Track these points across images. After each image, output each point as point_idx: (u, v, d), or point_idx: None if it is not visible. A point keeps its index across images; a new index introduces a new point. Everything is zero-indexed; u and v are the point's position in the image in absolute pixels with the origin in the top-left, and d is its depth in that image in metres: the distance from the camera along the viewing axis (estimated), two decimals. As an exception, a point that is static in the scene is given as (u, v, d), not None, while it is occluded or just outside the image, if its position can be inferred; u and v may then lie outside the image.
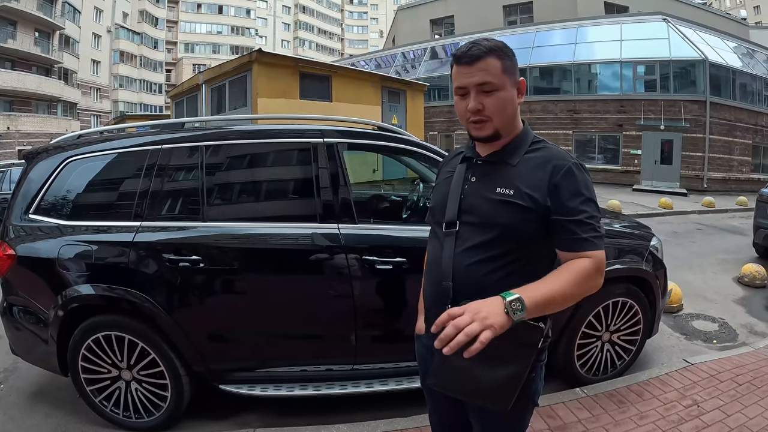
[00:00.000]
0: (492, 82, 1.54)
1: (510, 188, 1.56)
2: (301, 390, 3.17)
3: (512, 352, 1.45)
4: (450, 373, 1.51)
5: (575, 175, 1.54)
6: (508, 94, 1.59)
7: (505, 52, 1.58)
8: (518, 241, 1.56)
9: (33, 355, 3.34)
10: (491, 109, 1.56)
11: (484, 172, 1.66)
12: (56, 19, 38.12)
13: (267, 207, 3.44)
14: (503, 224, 1.54)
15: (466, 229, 1.61)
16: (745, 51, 26.51)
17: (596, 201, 1.57)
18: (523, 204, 1.52)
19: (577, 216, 1.51)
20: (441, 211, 1.71)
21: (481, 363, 1.43)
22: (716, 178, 22.57)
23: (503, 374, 1.45)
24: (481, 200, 1.60)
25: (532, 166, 1.58)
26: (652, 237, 4.19)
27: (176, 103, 19.37)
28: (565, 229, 1.51)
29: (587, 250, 1.50)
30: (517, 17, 33.21)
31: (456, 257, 1.60)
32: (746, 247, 9.56)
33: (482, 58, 1.53)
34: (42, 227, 3.15)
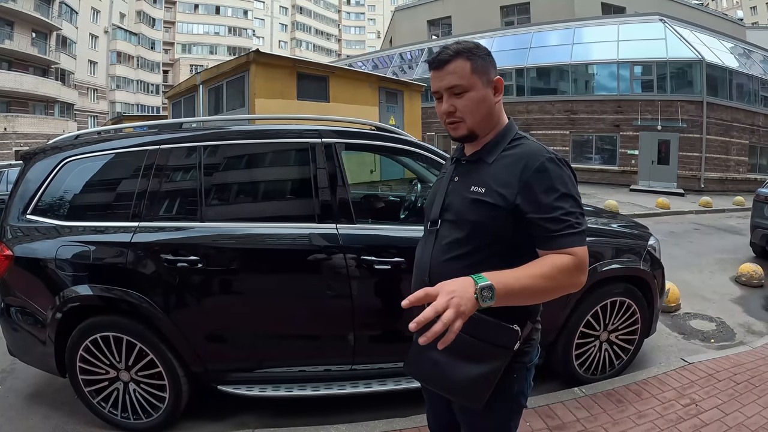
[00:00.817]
0: (460, 84, 1.57)
1: (482, 186, 1.57)
2: (299, 390, 3.16)
3: (485, 352, 1.47)
4: (425, 365, 1.56)
5: (548, 171, 1.51)
6: (479, 93, 1.59)
7: (474, 53, 1.59)
8: (490, 238, 1.56)
9: (31, 356, 3.33)
10: (463, 110, 1.59)
11: (465, 171, 1.70)
12: (53, 20, 38.08)
13: (265, 207, 3.43)
14: (473, 221, 1.57)
15: (445, 227, 1.66)
16: (741, 51, 26.58)
17: (575, 195, 1.53)
18: (491, 202, 1.54)
19: (551, 213, 1.48)
20: (429, 210, 1.77)
21: (454, 358, 1.48)
22: (713, 178, 22.61)
23: (475, 372, 1.47)
24: (458, 199, 1.64)
25: (506, 164, 1.58)
26: (650, 237, 4.19)
27: (173, 103, 19.38)
28: (540, 227, 1.49)
29: (564, 248, 1.47)
30: (515, 18, 33.22)
31: (434, 253, 1.66)
32: (743, 247, 9.60)
33: (450, 62, 1.57)
34: (39, 228, 3.14)
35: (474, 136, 1.64)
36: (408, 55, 32.67)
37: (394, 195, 5.32)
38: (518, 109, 25.94)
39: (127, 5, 53.95)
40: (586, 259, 1.50)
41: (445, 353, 1.44)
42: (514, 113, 25.80)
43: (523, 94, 26.00)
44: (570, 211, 1.49)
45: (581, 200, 1.58)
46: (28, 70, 36.31)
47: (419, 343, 1.40)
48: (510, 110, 22.38)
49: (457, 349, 1.43)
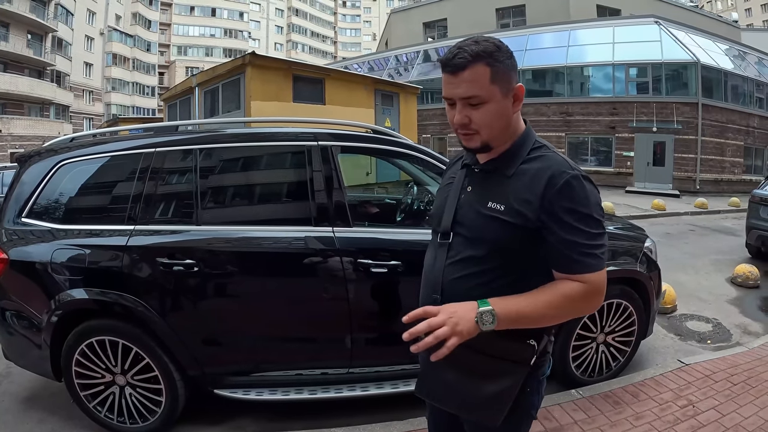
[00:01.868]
0: (478, 95, 1.42)
1: (501, 203, 1.47)
2: (296, 394, 3.15)
3: (502, 369, 1.44)
4: (439, 385, 1.51)
5: (573, 190, 1.41)
6: (498, 105, 1.45)
7: (495, 57, 1.42)
8: (508, 258, 1.47)
9: (26, 360, 3.31)
10: (478, 123, 1.45)
11: (479, 181, 1.58)
12: (49, 22, 37.97)
13: (261, 210, 3.42)
14: (491, 240, 1.47)
15: (458, 241, 1.55)
16: (736, 53, 26.71)
17: (598, 216, 1.43)
18: (512, 221, 1.44)
19: (572, 236, 1.40)
20: (438, 220, 1.65)
21: (470, 377, 1.44)
22: (708, 179, 22.69)
23: (492, 390, 1.43)
24: (473, 213, 1.53)
25: (527, 179, 1.46)
26: (646, 238, 4.20)
27: (169, 106, 19.32)
28: (558, 249, 1.42)
29: (580, 273, 1.41)
30: (510, 20, 33.29)
31: (446, 269, 1.55)
32: (739, 248, 9.63)
33: (467, 67, 1.40)
34: (35, 231, 3.12)
35: (488, 149, 1.51)
36: (404, 57, 32.70)
37: (390, 197, 5.33)
38: (517, 110, 25.94)
39: (122, 7, 53.81)
40: (602, 286, 1.44)
41: (460, 372, 1.44)
42: (510, 115, 25.76)
43: (519, 97, 26.01)
44: (592, 234, 1.42)
45: (604, 220, 1.49)
46: (23, 72, 36.19)
47: (431, 361, 1.40)
48: (506, 112, 22.49)
49: (472, 367, 1.43)
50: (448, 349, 1.29)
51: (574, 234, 1.40)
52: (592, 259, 1.41)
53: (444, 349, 1.29)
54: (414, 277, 1.80)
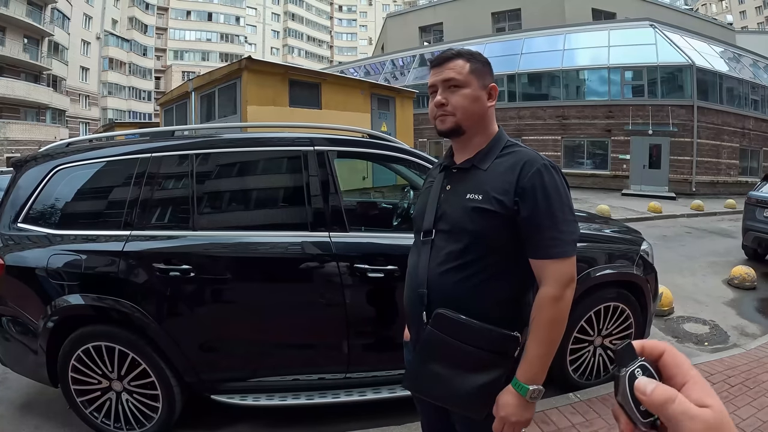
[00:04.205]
0: (456, 79, 1.60)
1: (479, 193, 1.57)
2: (293, 399, 3.14)
3: (487, 361, 1.50)
4: (425, 379, 1.56)
5: (543, 177, 1.52)
6: (473, 93, 1.62)
7: (474, 57, 1.66)
8: (489, 247, 1.56)
9: (22, 365, 3.30)
10: (454, 104, 1.61)
11: (458, 179, 1.68)
12: (45, 26, 37.92)
13: (257, 215, 3.42)
14: (472, 231, 1.55)
15: (441, 237, 1.63)
16: (731, 55, 26.83)
17: (568, 203, 1.56)
18: (491, 209, 1.53)
19: (544, 221, 1.50)
20: (420, 220, 1.74)
21: (456, 370, 1.51)
22: (704, 181, 22.76)
23: (478, 382, 1.50)
24: (453, 208, 1.62)
25: (502, 170, 1.58)
26: (642, 241, 4.20)
27: (165, 110, 19.34)
28: (532, 235, 1.52)
29: (553, 258, 1.50)
30: (506, 24, 33.38)
31: (431, 264, 1.63)
32: (735, 250, 9.67)
33: (451, 60, 1.63)
34: (31, 236, 3.11)
35: (459, 132, 1.64)
36: (400, 61, 32.77)
37: (387, 202, 5.32)
38: (510, 114, 26.03)
39: (119, 11, 53.77)
40: (570, 271, 1.52)
41: (447, 366, 1.51)
42: (505, 119, 25.91)
43: (514, 100, 26.10)
44: (563, 219, 1.51)
45: (574, 211, 1.60)
46: (19, 76, 36.10)
47: (418, 355, 1.49)
48: (502, 116, 22.39)
49: (458, 360, 1.50)
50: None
51: (549, 219, 1.50)
52: (565, 244, 1.51)
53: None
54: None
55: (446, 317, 1.53)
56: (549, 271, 1.50)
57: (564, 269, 1.50)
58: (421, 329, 1.61)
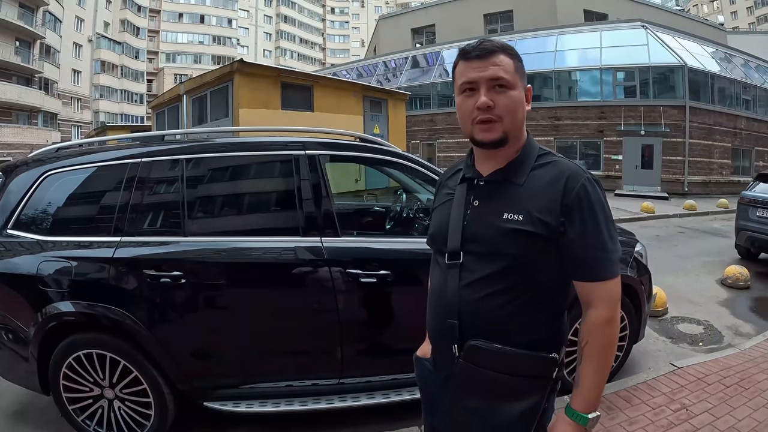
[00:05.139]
0: (506, 78, 1.41)
1: (519, 213, 1.41)
2: (287, 406, 3.11)
3: (528, 387, 1.40)
4: (461, 414, 1.44)
5: (589, 194, 1.39)
6: (520, 95, 1.45)
7: (516, 54, 1.48)
8: (529, 272, 1.42)
9: (13, 373, 3.25)
10: (503, 108, 1.41)
11: (487, 193, 1.51)
12: (37, 29, 37.84)
13: (249, 220, 3.39)
14: (512, 254, 1.40)
15: (472, 260, 1.47)
16: (723, 56, 27.02)
17: (612, 219, 1.44)
18: (534, 231, 1.38)
19: (593, 241, 1.39)
20: (442, 239, 1.56)
21: (494, 400, 1.40)
22: (697, 181, 22.88)
23: (519, 409, 1.39)
24: (488, 227, 1.45)
25: (543, 185, 1.43)
26: (636, 243, 4.21)
27: (157, 113, 19.29)
28: (579, 256, 1.40)
29: (603, 279, 1.41)
30: (498, 25, 33.49)
31: (462, 291, 1.47)
32: (728, 249, 9.70)
33: (496, 53, 1.42)
34: (21, 243, 3.07)
35: (504, 142, 1.45)
36: (392, 63, 32.80)
37: (380, 205, 5.30)
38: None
39: (111, 14, 53.67)
40: (618, 291, 1.44)
41: (484, 398, 1.40)
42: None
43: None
44: (609, 237, 1.41)
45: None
46: (11, 79, 35.99)
47: (450, 389, 1.42)
48: (495, 117, 22.55)
49: (496, 390, 1.39)
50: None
51: (596, 237, 1.39)
52: (615, 266, 1.42)
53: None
54: (403, 286, 1.76)
55: (480, 349, 1.41)
56: (600, 293, 1.41)
57: (614, 289, 1.42)
58: (451, 361, 1.47)
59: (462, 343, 1.44)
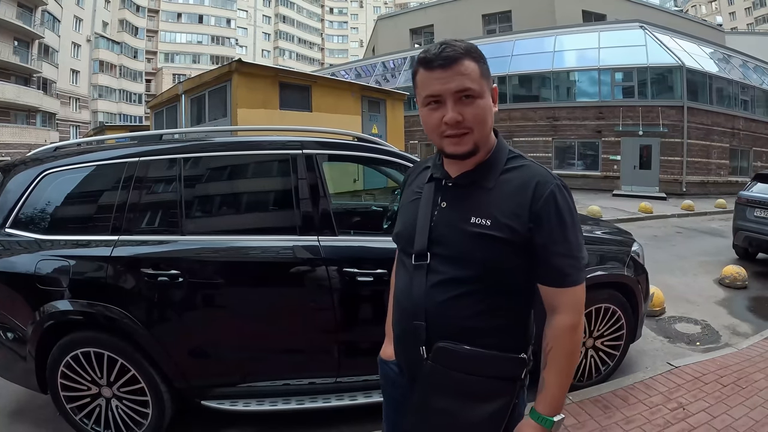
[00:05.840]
0: (473, 88, 1.34)
1: (486, 218, 1.38)
2: (284, 404, 3.12)
3: (497, 388, 1.40)
4: (432, 416, 1.43)
5: (557, 201, 1.38)
6: (488, 102, 1.39)
7: (480, 55, 1.40)
8: (496, 277, 1.41)
9: (11, 372, 3.26)
10: (472, 119, 1.36)
11: (455, 196, 1.48)
12: (35, 28, 37.80)
13: (246, 220, 3.39)
14: (480, 259, 1.38)
15: (439, 262, 1.45)
16: (721, 56, 27.04)
17: (579, 226, 1.43)
18: (501, 236, 1.36)
19: (560, 247, 1.37)
20: (409, 239, 1.53)
21: (465, 402, 1.39)
22: (695, 181, 22.90)
23: (489, 410, 1.38)
24: (455, 231, 1.43)
25: (511, 190, 1.40)
26: (633, 242, 4.22)
27: (156, 113, 19.30)
28: (546, 262, 1.39)
29: (570, 285, 1.40)
30: (496, 26, 33.49)
31: (429, 293, 1.45)
32: (726, 249, 9.72)
33: (460, 60, 1.33)
34: (19, 241, 3.07)
35: (475, 153, 1.41)
36: (390, 63, 32.80)
37: (377, 205, 5.30)
38: (501, 116, 26.07)
39: (109, 14, 53.62)
40: (582, 297, 1.44)
41: (452, 399, 1.39)
42: (496, 121, 25.57)
43: (505, 102, 26.14)
44: (579, 244, 1.41)
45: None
46: (9, 79, 35.94)
47: (420, 391, 1.41)
48: (493, 117, 22.42)
49: (465, 392, 1.39)
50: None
51: (564, 244, 1.38)
52: (581, 273, 1.41)
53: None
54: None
55: (448, 350, 1.40)
56: (564, 299, 1.40)
57: (580, 296, 1.42)
58: (418, 363, 1.45)
59: (429, 344, 1.43)
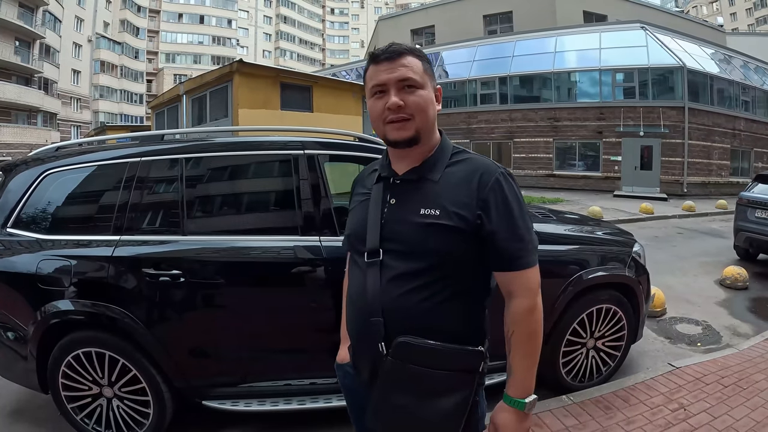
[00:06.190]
0: (414, 79, 1.45)
1: (435, 208, 1.44)
2: (285, 405, 3.12)
3: (457, 381, 1.42)
4: (392, 413, 1.44)
5: (503, 187, 1.44)
6: (430, 95, 1.49)
7: (424, 56, 1.52)
8: (450, 264, 1.44)
9: (12, 372, 3.26)
10: (413, 106, 1.45)
11: (404, 191, 1.53)
12: (37, 28, 37.84)
13: (248, 220, 3.39)
14: (434, 250, 1.43)
15: (392, 257, 1.48)
16: (722, 57, 27.05)
17: (527, 210, 1.48)
18: (451, 224, 1.41)
19: (509, 233, 1.42)
20: (360, 239, 1.58)
21: (424, 396, 1.40)
22: (696, 182, 22.89)
23: (448, 405, 1.40)
24: (406, 224, 1.47)
25: (457, 180, 1.47)
26: (634, 243, 4.21)
27: (157, 113, 19.28)
28: (495, 248, 1.43)
29: (518, 269, 1.44)
30: (497, 27, 33.50)
31: (384, 289, 1.47)
32: (727, 250, 9.71)
33: (404, 55, 1.47)
34: (20, 241, 3.07)
35: (417, 140, 1.48)
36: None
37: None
38: (501, 117, 26.13)
39: (110, 14, 53.68)
40: (537, 280, 1.48)
41: (413, 395, 1.40)
42: (497, 121, 26.01)
43: (506, 102, 26.21)
44: (525, 228, 1.46)
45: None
46: (10, 79, 35.99)
47: (381, 389, 1.43)
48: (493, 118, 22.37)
49: (426, 386, 1.40)
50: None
51: (512, 229, 1.43)
52: (532, 255, 1.46)
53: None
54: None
55: (409, 345, 1.41)
56: (519, 283, 1.45)
57: (533, 278, 1.46)
58: (378, 361, 1.46)
59: (388, 340, 1.45)
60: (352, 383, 1.75)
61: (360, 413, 1.68)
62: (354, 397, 1.77)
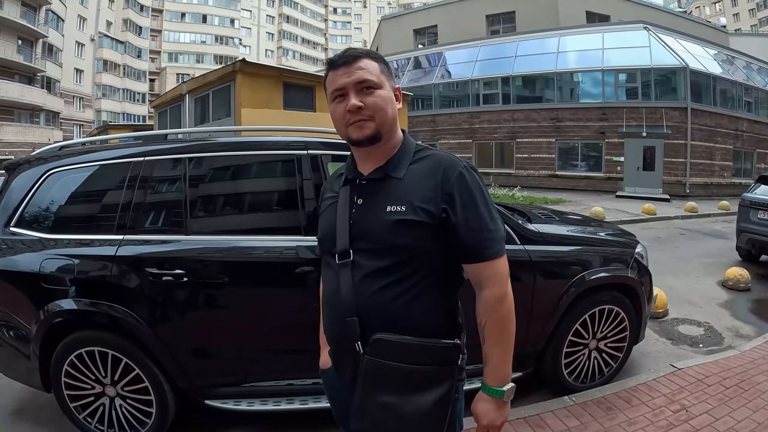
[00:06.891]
0: (371, 80, 1.49)
1: (401, 204, 1.47)
2: (287, 404, 3.12)
3: (436, 376, 1.43)
4: (375, 412, 1.44)
5: (467, 180, 1.48)
6: (388, 94, 1.53)
7: (381, 57, 1.57)
8: (420, 259, 1.48)
9: (15, 371, 3.27)
10: (372, 106, 1.49)
11: (370, 191, 1.56)
12: (39, 27, 37.88)
13: (251, 220, 3.39)
14: (403, 245, 1.46)
15: (363, 256, 1.51)
16: (725, 58, 27.00)
17: (491, 201, 1.52)
18: (418, 219, 1.45)
19: (476, 224, 1.46)
20: (331, 241, 1.59)
21: (405, 393, 1.41)
22: (698, 183, 22.84)
23: (429, 400, 1.41)
24: (374, 223, 1.50)
25: (421, 176, 1.51)
26: (637, 244, 4.21)
27: (159, 113, 19.31)
28: (464, 240, 1.47)
29: (491, 259, 1.48)
30: (500, 27, 33.44)
31: (357, 287, 1.50)
32: (729, 251, 9.70)
33: (360, 58, 1.51)
34: (23, 240, 3.08)
35: (378, 139, 1.52)
36: (394, 63, 32.71)
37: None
38: (504, 117, 26.11)
39: (113, 13, 53.77)
40: (505, 269, 1.51)
41: (394, 392, 1.42)
42: (499, 121, 26.00)
43: (508, 103, 26.18)
44: (491, 219, 1.49)
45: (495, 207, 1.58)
46: (13, 78, 36.03)
47: (363, 391, 1.44)
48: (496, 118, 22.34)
49: (406, 382, 1.42)
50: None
51: (478, 221, 1.47)
52: (500, 245, 1.50)
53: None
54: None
55: (385, 341, 1.43)
56: (488, 273, 1.48)
57: (502, 268, 1.50)
58: (357, 360, 1.48)
59: (365, 339, 1.46)
60: (336, 387, 1.75)
61: (347, 418, 1.66)
62: (339, 402, 1.76)
